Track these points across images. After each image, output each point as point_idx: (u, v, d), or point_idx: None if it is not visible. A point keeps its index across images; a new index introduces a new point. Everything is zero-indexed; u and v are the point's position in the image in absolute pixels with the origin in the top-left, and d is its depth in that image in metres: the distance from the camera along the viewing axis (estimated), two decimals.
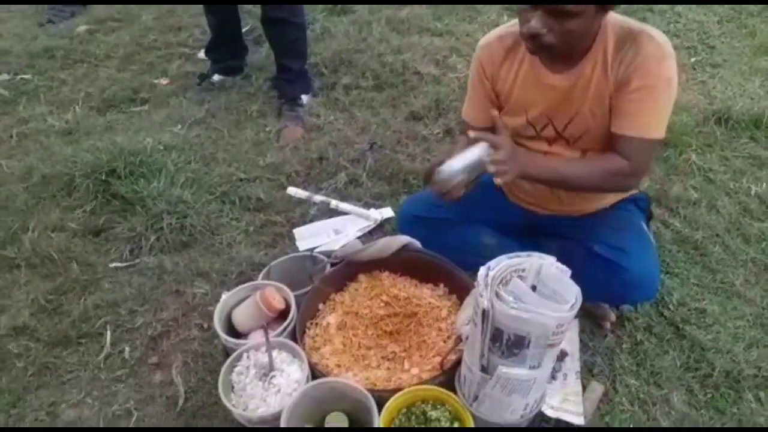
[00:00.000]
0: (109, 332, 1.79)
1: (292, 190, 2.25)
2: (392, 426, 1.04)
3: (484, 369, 0.96)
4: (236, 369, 1.10)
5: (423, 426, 1.03)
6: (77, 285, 1.96)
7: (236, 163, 2.48)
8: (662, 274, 1.89)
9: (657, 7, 3.58)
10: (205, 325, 1.79)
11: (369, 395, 1.02)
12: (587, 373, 1.61)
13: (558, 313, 0.88)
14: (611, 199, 1.70)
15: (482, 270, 0.94)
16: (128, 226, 2.13)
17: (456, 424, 1.03)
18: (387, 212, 2.15)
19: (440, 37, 3.32)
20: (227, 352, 1.17)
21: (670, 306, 1.79)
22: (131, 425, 1.55)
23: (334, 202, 2.18)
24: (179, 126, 2.77)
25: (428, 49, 3.16)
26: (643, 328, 1.73)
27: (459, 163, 1.31)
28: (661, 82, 1.37)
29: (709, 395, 1.57)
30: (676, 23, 3.43)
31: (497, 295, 0.90)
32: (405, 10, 3.57)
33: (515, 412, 1.00)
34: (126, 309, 1.87)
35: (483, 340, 0.93)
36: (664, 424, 1.49)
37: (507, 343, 0.89)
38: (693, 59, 3.08)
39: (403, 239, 1.38)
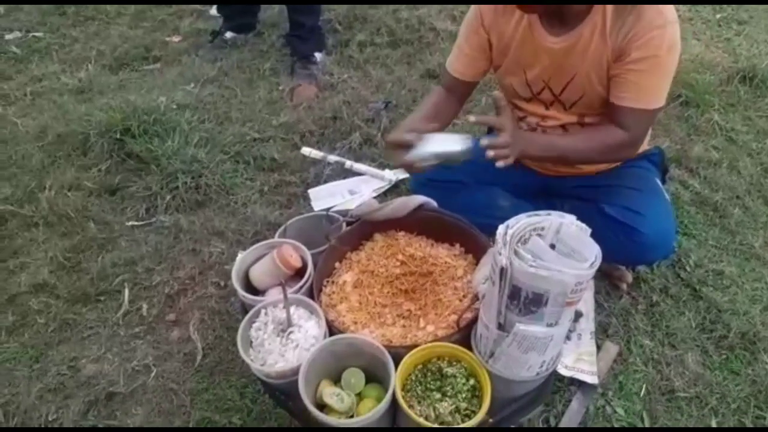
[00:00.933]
0: (126, 290, 1.81)
1: (306, 151, 2.24)
2: (409, 379, 1.05)
3: (501, 327, 0.96)
4: (254, 325, 1.11)
5: (439, 381, 1.04)
6: (95, 243, 1.97)
7: (250, 123, 2.47)
8: (680, 235, 1.87)
9: None
10: (222, 283, 1.81)
11: (386, 351, 1.03)
12: (602, 333, 1.62)
13: (577, 271, 0.87)
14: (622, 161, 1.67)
15: (501, 228, 0.93)
16: (144, 185, 2.13)
17: (471, 381, 1.04)
18: (401, 173, 2.13)
19: None
20: (245, 309, 1.18)
21: (687, 267, 1.78)
22: (150, 380, 1.58)
23: (348, 163, 2.16)
24: (192, 84, 2.75)
25: (445, 5, 3.08)
26: (659, 289, 1.72)
27: (434, 148, 1.26)
28: (663, 52, 1.31)
29: (724, 356, 1.56)
30: None
31: (516, 253, 0.89)
32: None
33: (532, 368, 1.00)
34: (143, 267, 1.89)
35: (501, 298, 0.92)
36: (678, 384, 1.49)
37: (525, 300, 0.89)
38: (718, 15, 2.99)
39: (420, 199, 1.37)
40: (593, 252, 0.92)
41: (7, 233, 2.02)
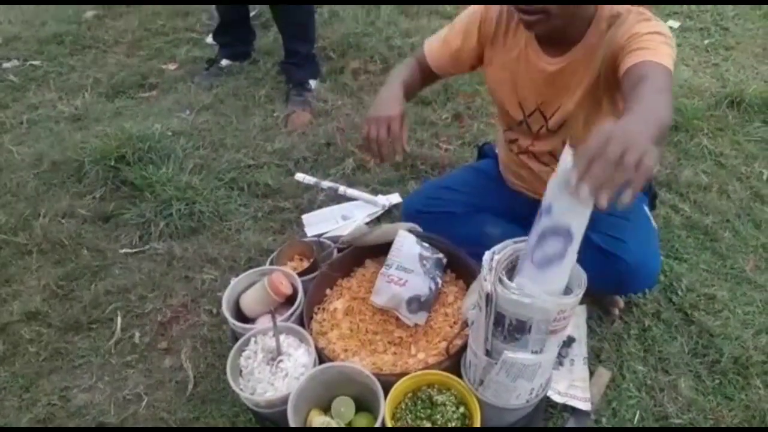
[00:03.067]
0: (119, 318, 1.81)
1: (299, 176, 2.25)
2: (399, 408, 1.04)
3: (488, 353, 0.96)
4: (244, 353, 1.11)
5: (429, 410, 1.04)
6: (88, 271, 1.97)
7: (244, 149, 2.48)
8: (671, 259, 1.88)
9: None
10: (214, 311, 1.81)
11: (375, 380, 1.03)
12: (594, 358, 1.61)
13: (559, 299, 0.88)
14: None
15: (487, 254, 0.94)
16: (138, 212, 2.14)
17: (461, 409, 1.04)
18: (395, 198, 2.15)
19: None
20: (236, 337, 1.18)
21: (679, 292, 1.78)
22: (141, 409, 1.57)
23: (341, 188, 2.18)
24: (188, 111, 2.77)
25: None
26: (651, 314, 1.73)
27: None
28: (655, 30, 1.25)
29: (717, 381, 1.56)
30: (690, 5, 3.37)
31: (500, 280, 0.90)
32: None
33: (521, 396, 1.00)
34: (136, 295, 1.89)
35: (487, 325, 0.93)
36: (671, 410, 1.49)
37: (509, 327, 0.90)
38: (706, 41, 3.04)
39: (408, 224, 1.38)
40: (577, 281, 0.93)
41: (0, 261, 2.02)
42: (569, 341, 1.62)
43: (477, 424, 0.99)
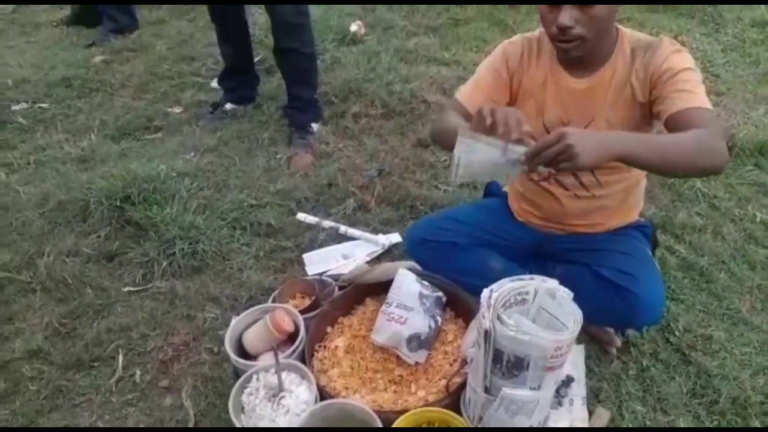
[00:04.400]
0: (121, 356, 1.82)
1: (301, 216, 2.29)
2: None
3: (487, 390, 0.98)
4: (246, 390, 1.13)
5: None
6: (91, 309, 1.99)
7: (247, 190, 2.53)
8: (668, 300, 1.90)
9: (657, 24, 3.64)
10: (215, 349, 1.82)
11: (376, 417, 1.05)
12: (593, 398, 1.62)
13: (556, 336, 0.90)
14: (616, 222, 1.73)
15: (485, 292, 0.97)
16: (141, 251, 2.17)
17: None
18: (395, 238, 2.18)
19: (447, 67, 3.39)
20: (237, 374, 1.20)
21: (676, 332, 1.80)
22: None
23: (342, 228, 2.21)
24: (192, 153, 2.82)
25: (435, 78, 3.22)
26: (649, 354, 1.74)
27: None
28: (687, 65, 1.39)
29: (716, 422, 1.57)
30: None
31: (498, 317, 0.92)
32: (413, 41, 3.66)
33: None
34: (138, 333, 1.90)
35: (486, 361, 0.95)
36: None
37: (507, 364, 0.92)
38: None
39: (408, 263, 1.41)
40: (572, 318, 0.95)
41: (3, 299, 2.04)
42: (568, 381, 1.63)
43: None
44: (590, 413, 1.57)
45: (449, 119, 1.58)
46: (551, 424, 1.50)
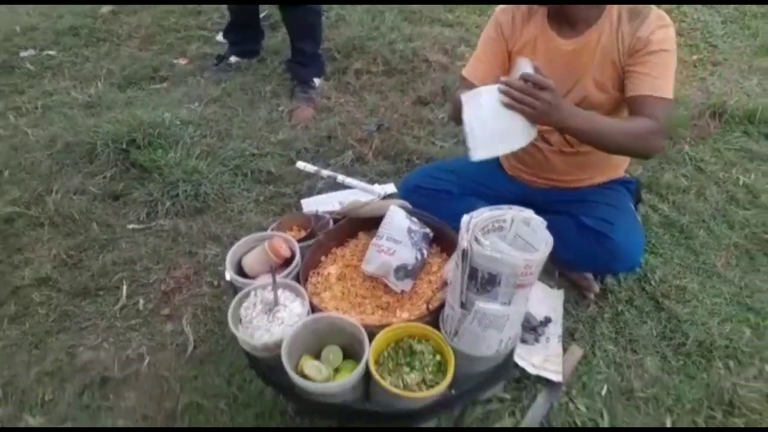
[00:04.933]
0: (125, 286, 1.92)
1: (301, 165, 2.37)
2: (382, 356, 1.16)
3: (463, 305, 1.08)
4: (244, 304, 1.22)
5: (409, 357, 1.15)
6: (96, 243, 2.09)
7: (249, 139, 2.60)
8: (647, 253, 2.00)
9: (662, 7, 3.66)
10: (215, 283, 1.92)
11: (362, 329, 1.14)
12: (569, 337, 1.73)
13: (525, 255, 1.00)
14: (602, 177, 1.82)
15: (465, 217, 1.06)
16: (145, 192, 2.26)
17: (438, 357, 1.15)
18: (390, 188, 2.27)
19: (450, 28, 3.43)
20: (236, 293, 1.29)
21: (652, 282, 1.90)
22: (143, 368, 1.67)
23: (340, 177, 2.29)
24: (196, 103, 2.89)
25: (438, 39, 3.27)
26: (625, 300, 1.84)
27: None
28: (667, 47, 1.51)
29: (681, 362, 1.67)
30: (681, 22, 3.52)
31: (476, 239, 1.01)
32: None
33: (491, 346, 1.11)
34: (141, 266, 2.00)
35: (462, 279, 1.04)
36: (636, 385, 1.60)
37: (481, 281, 1.01)
38: (695, 57, 3.18)
39: (399, 201, 1.50)
40: (543, 242, 1.04)
41: (13, 232, 2.14)
42: (546, 321, 1.73)
43: (450, 369, 1.10)
44: (564, 350, 1.67)
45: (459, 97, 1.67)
46: (529, 359, 1.61)
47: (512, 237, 1.09)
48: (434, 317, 1.21)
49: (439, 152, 2.49)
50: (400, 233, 1.38)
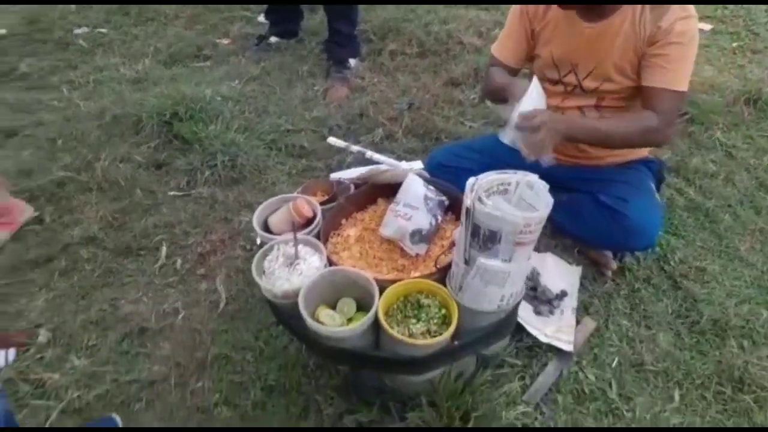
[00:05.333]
0: (164, 247, 2.05)
1: (332, 140, 2.46)
2: (392, 308, 1.23)
3: (466, 262, 1.14)
4: (268, 257, 1.31)
5: (416, 310, 1.23)
6: (140, 207, 2.22)
7: (285, 116, 2.70)
8: (669, 234, 2.02)
9: None
10: (248, 247, 2.03)
11: (374, 282, 1.22)
12: (583, 311, 1.77)
13: (523, 213, 1.06)
14: (624, 157, 1.84)
15: (471, 179, 1.12)
16: (186, 162, 2.38)
17: (443, 311, 1.22)
18: (417, 165, 2.33)
19: (486, 11, 3.46)
20: (261, 248, 1.38)
21: (672, 262, 1.92)
22: (178, 321, 1.79)
23: (369, 153, 2.37)
24: (237, 81, 3.01)
25: (473, 21, 3.31)
26: (643, 279, 1.87)
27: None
28: (687, 39, 1.55)
29: (695, 339, 1.70)
30: (724, 9, 3.46)
31: (479, 199, 1.08)
32: None
33: (492, 301, 1.18)
34: (180, 230, 2.12)
35: (466, 236, 1.11)
36: (648, 358, 1.64)
37: (483, 238, 1.07)
38: (735, 44, 3.13)
39: (417, 170, 1.57)
40: (544, 203, 1.10)
41: (64, 195, 2.29)
42: (562, 295, 1.78)
43: (454, 322, 1.18)
44: (578, 323, 1.72)
45: (492, 77, 1.79)
46: (542, 329, 1.66)
47: (517, 199, 1.15)
48: (442, 275, 1.28)
49: (467, 132, 2.54)
50: (416, 200, 1.45)
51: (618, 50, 1.63)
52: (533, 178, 1.14)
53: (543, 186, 1.13)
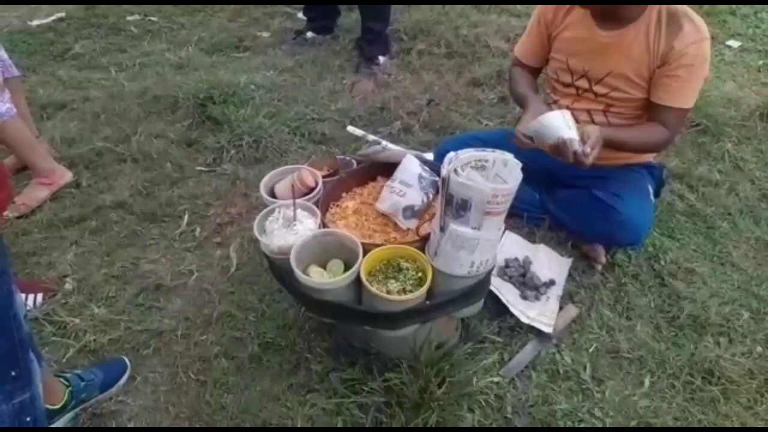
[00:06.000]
0: (186, 216, 2.22)
1: (350, 128, 2.61)
2: (374, 269, 1.36)
3: (442, 229, 1.26)
4: (269, 218, 1.46)
5: (396, 272, 1.35)
6: (168, 179, 2.40)
7: (312, 106, 2.85)
8: (664, 237, 2.08)
9: (740, 11, 3.64)
10: None
11: (360, 245, 1.35)
12: (568, 299, 1.86)
13: (492, 184, 1.17)
14: (626, 160, 1.92)
15: (451, 154, 1.24)
16: (215, 140, 2.56)
17: (420, 274, 1.34)
18: (429, 156, 2.43)
19: (517, 18, 3.55)
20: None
21: (662, 262, 1.98)
22: (191, 281, 1.95)
23: (384, 142, 2.49)
24: (271, 71, 3.18)
25: (502, 27, 3.41)
26: (631, 275, 1.94)
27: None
28: (699, 61, 1.66)
29: (673, 333, 1.77)
30: (756, 27, 3.48)
31: (455, 170, 1.19)
32: None
33: (463, 266, 1.29)
34: (202, 201, 2.29)
35: (442, 204, 1.23)
36: (624, 346, 1.72)
37: (456, 206, 1.18)
38: (762, 62, 3.15)
39: (415, 152, 1.69)
40: (515, 178, 1.21)
41: (101, 163, 2.49)
42: (550, 283, 1.87)
43: (428, 283, 1.30)
44: (561, 309, 1.81)
45: (516, 80, 1.97)
46: (525, 312, 1.76)
47: (493, 176, 1.26)
48: (423, 244, 1.40)
49: (482, 130, 2.65)
50: (411, 178, 1.57)
51: (630, 61, 1.72)
52: (508, 156, 1.25)
53: (516, 164, 1.24)
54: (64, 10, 3.87)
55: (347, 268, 1.40)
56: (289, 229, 1.41)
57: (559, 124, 1.55)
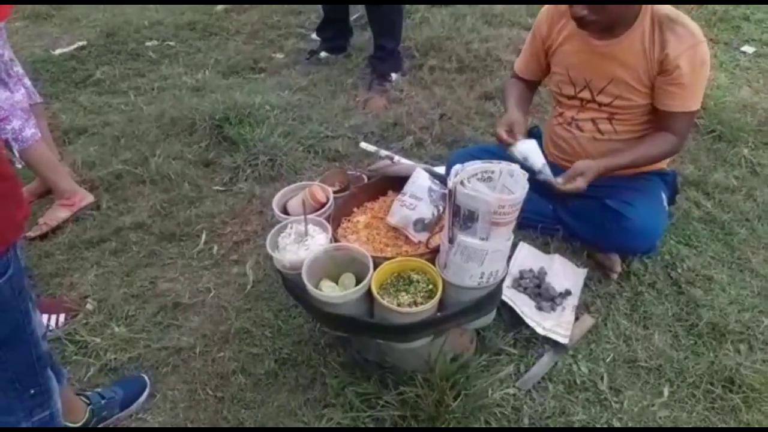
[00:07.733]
0: (204, 235, 2.26)
1: (363, 144, 2.62)
2: (386, 282, 1.37)
3: (450, 240, 1.27)
4: (282, 234, 1.48)
5: (407, 285, 1.36)
6: (186, 199, 2.45)
7: (325, 124, 2.89)
8: (681, 244, 2.07)
9: (754, 17, 3.61)
10: None
11: (370, 258, 1.36)
12: (584, 309, 1.85)
13: (497, 195, 1.18)
14: (638, 169, 1.91)
15: (457, 166, 1.25)
16: (231, 160, 2.60)
17: (430, 286, 1.35)
18: (441, 170, 2.45)
19: (527, 31, 3.53)
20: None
21: (679, 269, 1.97)
22: (209, 299, 1.98)
23: (396, 157, 2.50)
24: (286, 91, 3.23)
25: (513, 40, 3.42)
26: (648, 283, 1.93)
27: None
28: (698, 65, 1.67)
29: (692, 341, 1.75)
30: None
31: (461, 182, 1.21)
32: (501, 6, 3.85)
33: (473, 278, 1.29)
34: (220, 220, 2.33)
35: (449, 216, 1.24)
36: (641, 355, 1.70)
37: (463, 217, 1.20)
38: None
39: (424, 165, 1.71)
40: (521, 187, 1.22)
41: (121, 185, 2.55)
42: (566, 293, 1.87)
43: (438, 293, 1.31)
44: (577, 319, 1.80)
45: (507, 89, 2.06)
46: (541, 323, 1.75)
47: (500, 187, 1.27)
48: (433, 256, 1.41)
49: (494, 143, 2.65)
50: (421, 191, 1.59)
51: (629, 68, 1.73)
52: (514, 167, 1.26)
53: (522, 174, 1.25)
54: (85, 39, 3.98)
55: (359, 281, 1.41)
56: (300, 244, 1.43)
57: (527, 153, 1.71)
